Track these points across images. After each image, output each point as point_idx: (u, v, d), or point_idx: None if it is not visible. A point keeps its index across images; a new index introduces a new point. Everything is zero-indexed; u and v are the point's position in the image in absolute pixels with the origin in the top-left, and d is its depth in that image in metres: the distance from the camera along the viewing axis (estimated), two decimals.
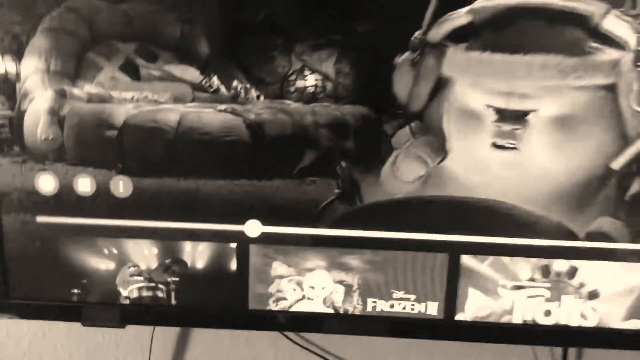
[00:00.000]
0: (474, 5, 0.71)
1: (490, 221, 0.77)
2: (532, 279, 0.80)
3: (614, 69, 0.71)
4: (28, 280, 0.83)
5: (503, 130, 0.74)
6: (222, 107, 0.77)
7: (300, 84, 0.75)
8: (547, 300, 0.81)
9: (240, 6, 0.73)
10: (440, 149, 0.75)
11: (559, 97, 0.72)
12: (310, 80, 0.75)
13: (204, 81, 0.76)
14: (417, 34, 0.72)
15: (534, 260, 0.79)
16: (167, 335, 1.01)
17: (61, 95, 0.77)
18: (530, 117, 0.73)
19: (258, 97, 0.74)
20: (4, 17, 0.74)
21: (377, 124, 0.76)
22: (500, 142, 0.74)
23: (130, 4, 0.73)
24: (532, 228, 0.77)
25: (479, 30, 0.72)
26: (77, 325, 0.84)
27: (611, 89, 0.72)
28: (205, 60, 0.75)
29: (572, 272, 0.79)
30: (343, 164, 0.77)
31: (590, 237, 0.78)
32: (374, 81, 0.75)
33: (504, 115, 0.73)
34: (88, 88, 0.77)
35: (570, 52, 0.71)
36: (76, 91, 0.77)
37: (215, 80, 0.76)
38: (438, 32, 0.72)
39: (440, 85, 0.75)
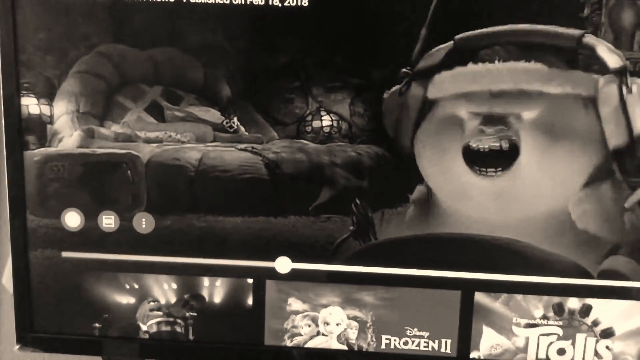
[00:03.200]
0: (457, 38, 0.74)
1: (503, 259, 0.78)
2: (545, 317, 0.80)
3: (593, 83, 0.74)
4: (52, 314, 0.85)
5: (487, 133, 0.75)
6: (242, 146, 0.79)
7: (316, 124, 0.78)
8: (561, 338, 0.81)
9: (259, 52, 0.77)
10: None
11: (540, 101, 0.74)
12: (326, 121, 0.78)
13: (225, 122, 0.79)
14: (405, 68, 0.75)
15: (547, 298, 0.80)
16: None
17: (89, 134, 0.80)
18: (513, 120, 0.75)
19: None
20: (38, 61, 0.78)
21: (390, 163, 0.78)
22: (482, 145, 0.75)
23: (156, 50, 0.77)
24: (545, 266, 0.78)
25: (461, 55, 0.75)
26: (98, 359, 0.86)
27: (591, 101, 0.74)
28: (226, 102, 0.78)
29: (586, 310, 0.80)
30: (357, 201, 0.78)
31: (604, 275, 0.78)
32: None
33: (487, 119, 0.75)
34: (115, 128, 0.80)
35: (552, 63, 0.74)
36: (103, 131, 0.80)
37: (235, 121, 0.79)
38: (424, 65, 0.75)
39: (425, 109, 0.77)
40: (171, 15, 0.75)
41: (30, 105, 0.79)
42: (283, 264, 0.81)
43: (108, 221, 0.82)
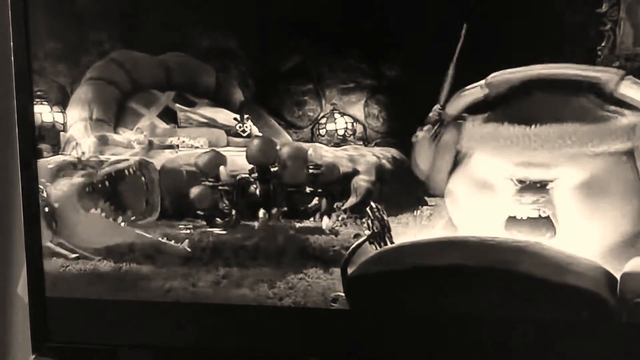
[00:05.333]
0: (489, 79, 0.73)
1: (525, 261, 0.75)
2: None
3: (630, 134, 0.71)
4: (67, 323, 0.84)
5: (524, 203, 0.73)
6: None
7: (330, 127, 0.77)
8: None
9: (271, 54, 0.76)
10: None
11: (578, 164, 0.72)
12: (340, 123, 0.77)
13: (238, 126, 0.79)
14: (435, 108, 0.74)
15: None
16: None
17: (103, 141, 0.80)
18: (551, 186, 0.73)
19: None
20: (51, 69, 0.78)
21: (406, 165, 0.77)
22: (521, 215, 0.73)
23: (169, 55, 0.77)
24: (569, 269, 0.75)
25: (494, 103, 0.73)
26: None
27: (629, 154, 0.72)
28: (240, 106, 0.78)
29: None
30: (373, 204, 0.77)
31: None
32: (402, 123, 0.77)
33: (525, 187, 0.73)
34: (128, 134, 0.80)
35: (586, 119, 0.71)
36: (117, 137, 0.80)
37: (249, 125, 0.79)
38: (455, 106, 0.74)
39: (459, 159, 0.76)
40: (182, 19, 0.76)
41: (44, 113, 0.80)
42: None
43: None
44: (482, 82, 0.73)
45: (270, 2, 0.75)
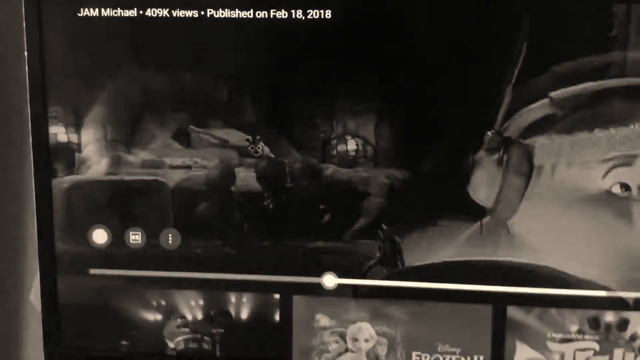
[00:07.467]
0: (553, 96, 0.71)
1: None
2: (580, 332, 0.79)
3: None
4: (79, 331, 0.86)
5: None
6: None
7: (341, 148, 0.78)
8: (597, 353, 0.80)
9: (284, 76, 0.76)
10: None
11: None
12: (351, 145, 0.77)
13: (251, 147, 0.79)
14: (490, 133, 0.73)
15: (581, 311, 0.78)
16: None
17: (116, 161, 0.81)
18: None
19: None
20: (66, 89, 0.79)
21: (417, 187, 0.78)
22: None
23: (183, 75, 0.77)
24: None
25: (563, 116, 0.71)
26: None
27: None
28: (252, 127, 0.79)
29: (623, 324, 0.78)
30: (384, 227, 0.78)
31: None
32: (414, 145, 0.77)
33: None
34: (142, 155, 0.81)
35: None
36: (130, 158, 0.81)
37: (261, 145, 0.79)
38: (517, 126, 0.72)
39: (533, 177, 0.73)
40: (198, 38, 0.76)
41: (59, 134, 0.80)
42: (329, 280, 0.80)
43: (135, 237, 0.82)
44: (546, 99, 0.71)
45: (283, 24, 0.74)
